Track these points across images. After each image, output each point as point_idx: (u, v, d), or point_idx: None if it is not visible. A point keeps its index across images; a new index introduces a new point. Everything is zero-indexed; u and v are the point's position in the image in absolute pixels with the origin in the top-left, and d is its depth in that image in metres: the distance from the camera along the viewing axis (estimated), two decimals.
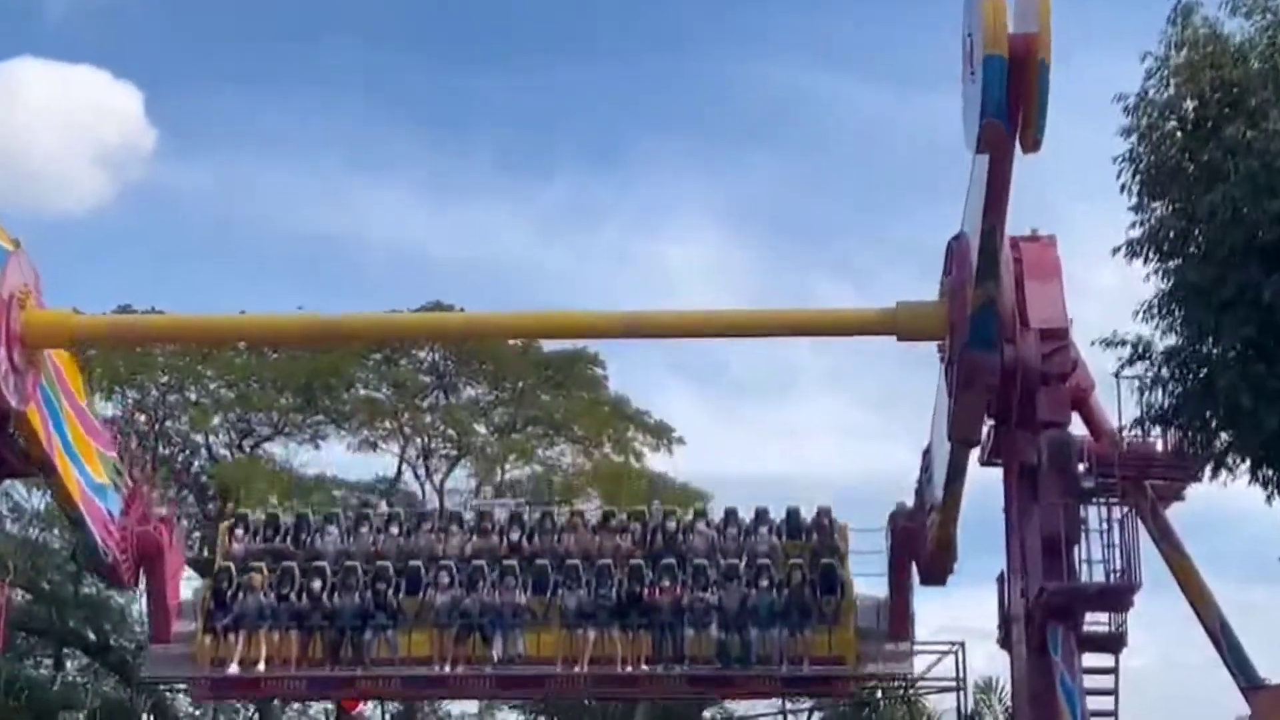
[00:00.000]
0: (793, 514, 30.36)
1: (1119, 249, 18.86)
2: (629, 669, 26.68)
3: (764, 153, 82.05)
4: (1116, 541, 20.48)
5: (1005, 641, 23.30)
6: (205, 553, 39.33)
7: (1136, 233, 18.79)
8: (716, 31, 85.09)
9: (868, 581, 29.37)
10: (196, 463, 39.76)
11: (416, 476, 40.79)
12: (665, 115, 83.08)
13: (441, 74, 79.48)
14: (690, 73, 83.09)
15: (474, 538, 29.06)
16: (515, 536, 28.98)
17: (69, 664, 44.90)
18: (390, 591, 26.83)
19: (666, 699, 34.11)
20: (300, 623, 26.35)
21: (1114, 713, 20.64)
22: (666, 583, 27.18)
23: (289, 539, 28.90)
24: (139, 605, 40.11)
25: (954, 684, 29.80)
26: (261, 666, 26.18)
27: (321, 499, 38.18)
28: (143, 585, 28.44)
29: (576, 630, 26.54)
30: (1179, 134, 18.39)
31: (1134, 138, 18.55)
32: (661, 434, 40.24)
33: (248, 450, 39.61)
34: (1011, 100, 17.31)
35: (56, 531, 40.10)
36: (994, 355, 21.09)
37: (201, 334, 30.07)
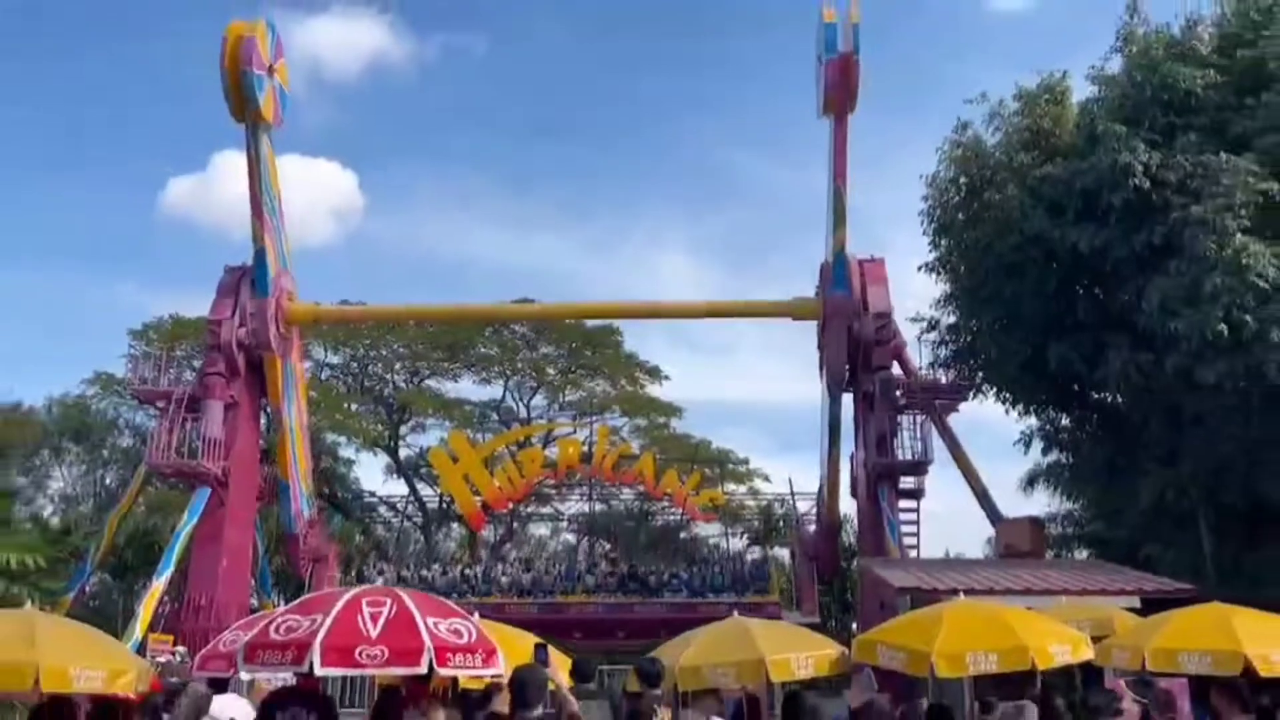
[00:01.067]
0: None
1: (922, 267, 21.16)
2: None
3: (716, 209, 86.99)
4: (918, 436, 22.90)
5: (854, 493, 25.31)
6: (392, 443, 42.26)
7: (931, 258, 21.09)
8: (688, 123, 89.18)
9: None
10: (386, 390, 41.73)
11: (514, 399, 43.48)
12: (661, 185, 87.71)
13: (519, 148, 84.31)
14: (675, 156, 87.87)
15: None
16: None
17: None
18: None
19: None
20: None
21: (916, 535, 22.60)
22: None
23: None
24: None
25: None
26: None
27: (458, 412, 41.97)
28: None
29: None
30: (956, 198, 20.48)
31: (930, 201, 20.80)
32: (654, 374, 42.40)
33: (416, 383, 42.09)
34: (839, 86, 21.17)
35: None
36: (848, 293, 23.43)
37: (389, 316, 34.23)
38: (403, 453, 43.01)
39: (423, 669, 8.36)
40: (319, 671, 8.18)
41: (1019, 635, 9.29)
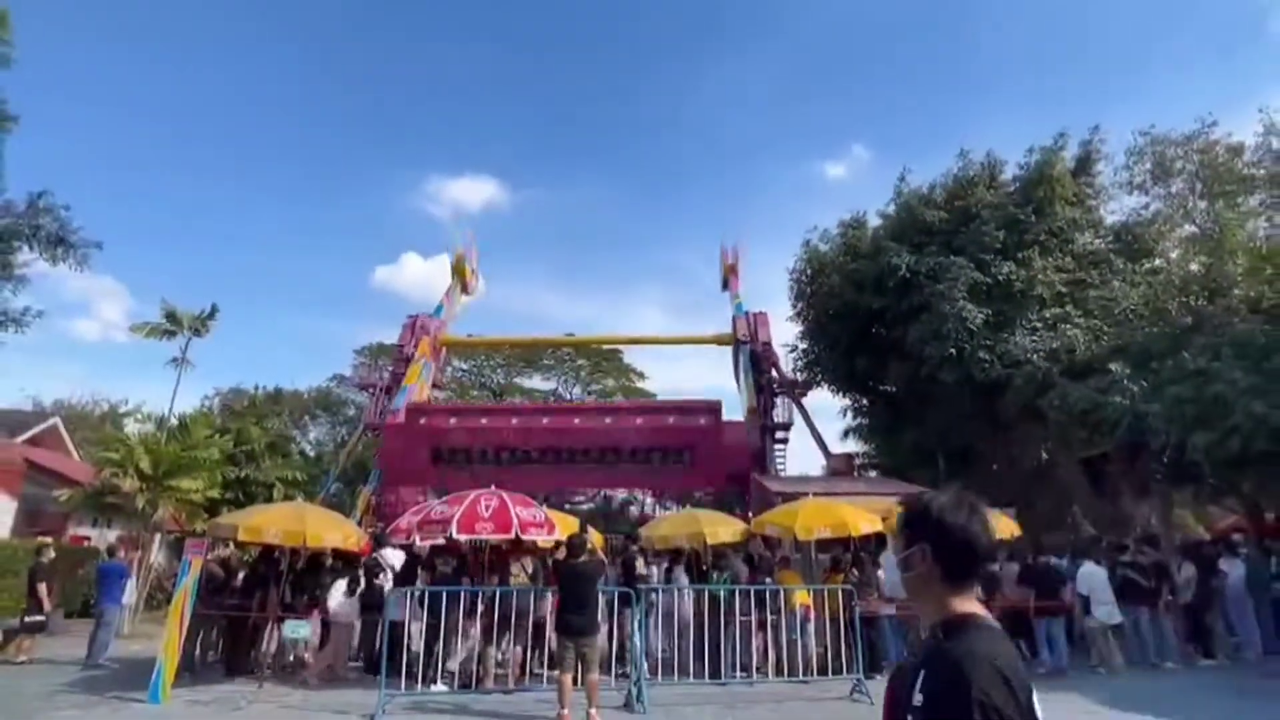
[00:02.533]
0: None
1: (791, 317, 20.93)
2: None
3: (679, 284, 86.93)
4: (788, 409, 22.06)
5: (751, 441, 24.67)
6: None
7: (793, 312, 20.83)
8: (658, 243, 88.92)
9: None
10: (492, 383, 40.24)
11: (563, 389, 41.79)
12: (645, 271, 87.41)
13: (564, 256, 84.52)
14: (652, 260, 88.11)
15: None
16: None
17: None
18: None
19: None
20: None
21: (784, 463, 21.69)
22: None
23: None
24: None
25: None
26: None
27: (531, 396, 40.11)
28: None
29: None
30: (808, 280, 20.15)
31: (793, 281, 20.62)
32: (641, 375, 41.61)
33: (509, 379, 40.48)
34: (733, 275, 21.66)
35: None
36: (747, 326, 23.39)
37: (495, 343, 33.04)
38: None
39: (513, 536, 8.48)
40: (455, 537, 8.29)
41: (843, 517, 9.43)
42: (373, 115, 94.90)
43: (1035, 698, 1.32)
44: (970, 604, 1.49)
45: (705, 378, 78.14)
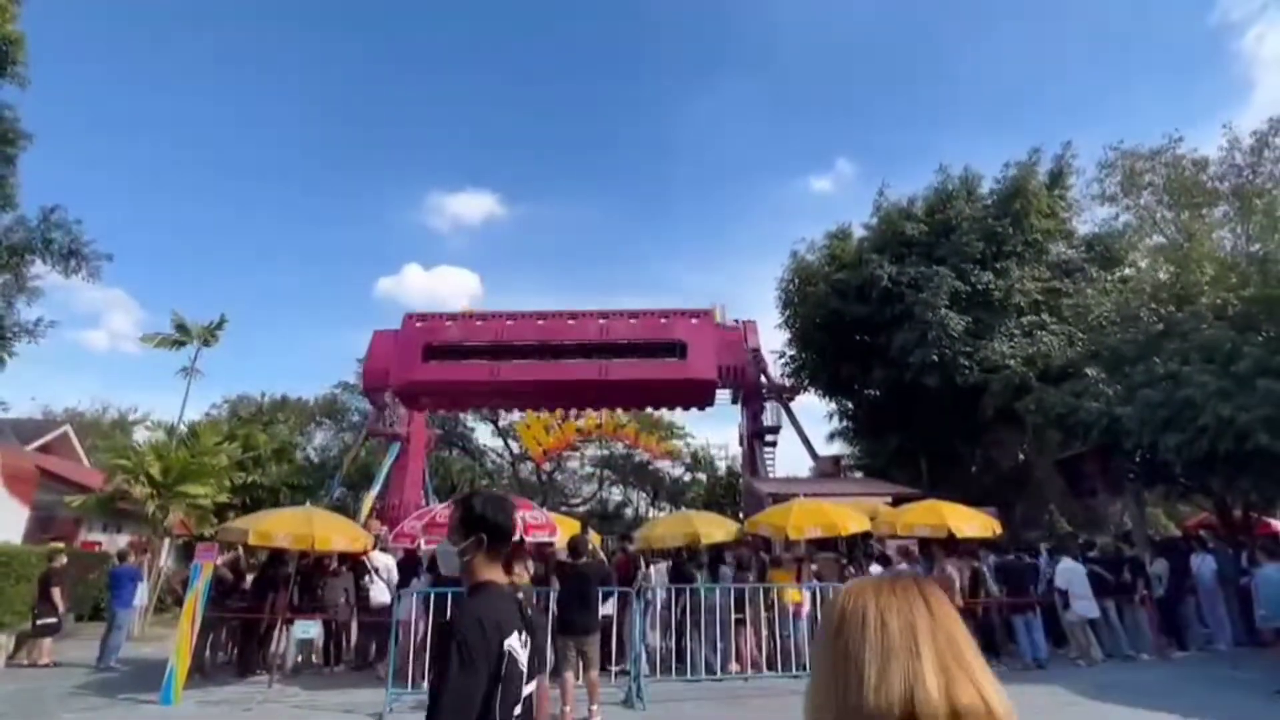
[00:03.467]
0: None
1: (779, 325, 20.95)
2: None
3: (660, 300, 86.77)
4: (776, 413, 21.83)
5: (741, 443, 24.09)
6: (495, 419, 38.66)
7: (780, 320, 20.87)
8: (652, 255, 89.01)
9: None
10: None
11: None
12: (633, 281, 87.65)
13: (560, 266, 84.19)
14: (641, 271, 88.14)
15: None
16: None
17: None
18: None
19: None
20: None
21: (773, 465, 21.63)
22: None
23: None
24: None
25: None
26: None
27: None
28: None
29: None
30: (794, 290, 20.18)
31: (781, 292, 20.61)
32: None
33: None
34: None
35: None
36: (737, 334, 22.25)
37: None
38: (500, 423, 42.26)
39: (517, 537, 8.49)
40: None
41: (832, 517, 9.45)
42: (374, 133, 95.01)
43: (517, 640, 1.73)
44: (494, 572, 1.93)
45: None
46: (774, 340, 41.56)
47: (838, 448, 23.05)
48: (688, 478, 37.76)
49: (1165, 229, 16.18)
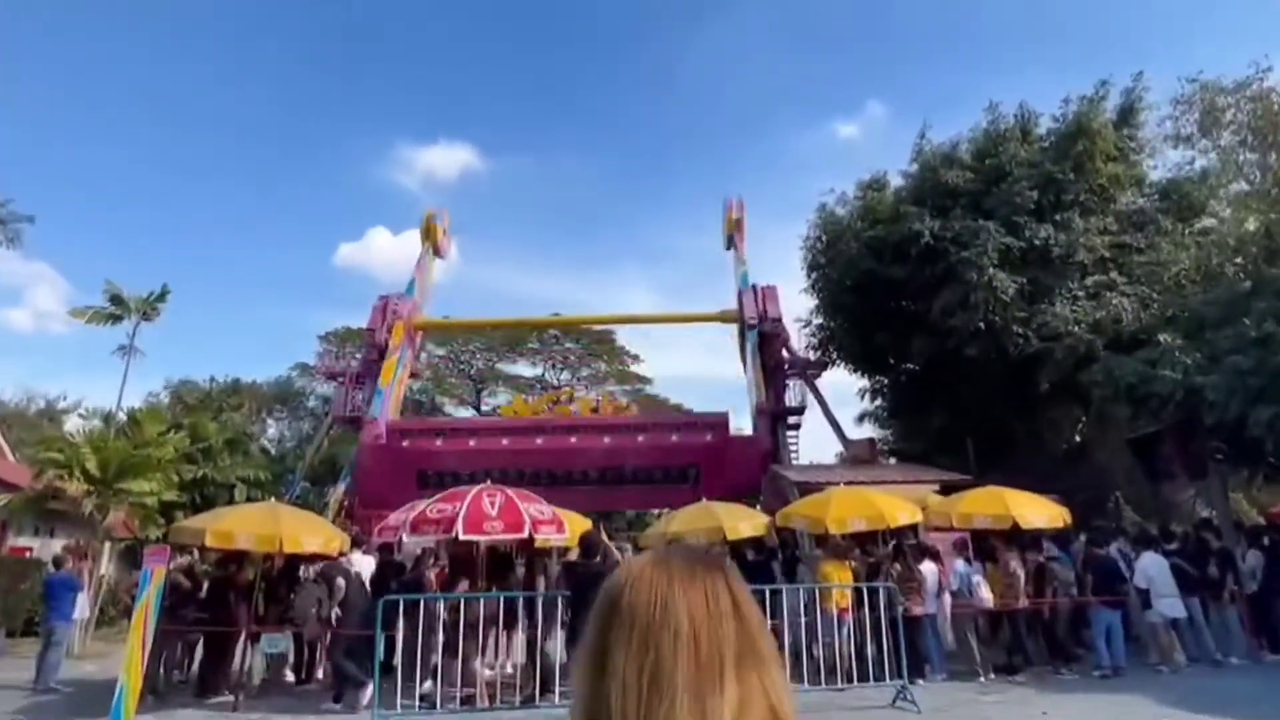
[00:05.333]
0: None
1: (804, 289, 20.85)
2: None
3: (669, 264, 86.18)
4: (800, 391, 22.20)
5: (757, 427, 24.08)
6: (477, 402, 40.45)
7: (806, 284, 20.71)
8: (647, 216, 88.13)
9: None
10: (472, 369, 40.22)
11: (550, 375, 41.91)
12: (631, 247, 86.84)
13: (546, 228, 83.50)
14: (637, 236, 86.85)
15: None
16: None
17: None
18: None
19: None
20: None
21: (797, 450, 21.71)
22: None
23: None
24: None
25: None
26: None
27: (516, 384, 40.30)
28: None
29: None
30: (821, 250, 20.10)
31: (806, 250, 20.55)
32: (635, 358, 41.34)
33: (490, 366, 40.45)
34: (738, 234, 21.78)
35: None
36: (749, 292, 23.58)
37: (474, 325, 33.24)
38: (483, 408, 42.31)
39: (525, 535, 8.27)
40: (462, 538, 8.07)
41: (879, 507, 9.29)
42: (332, 73, 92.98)
43: None
44: None
45: (705, 363, 77.84)
46: (797, 306, 41.39)
47: (869, 430, 23.04)
48: None
49: (1250, 174, 15.92)
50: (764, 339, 22.90)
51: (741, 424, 23.11)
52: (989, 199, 17.07)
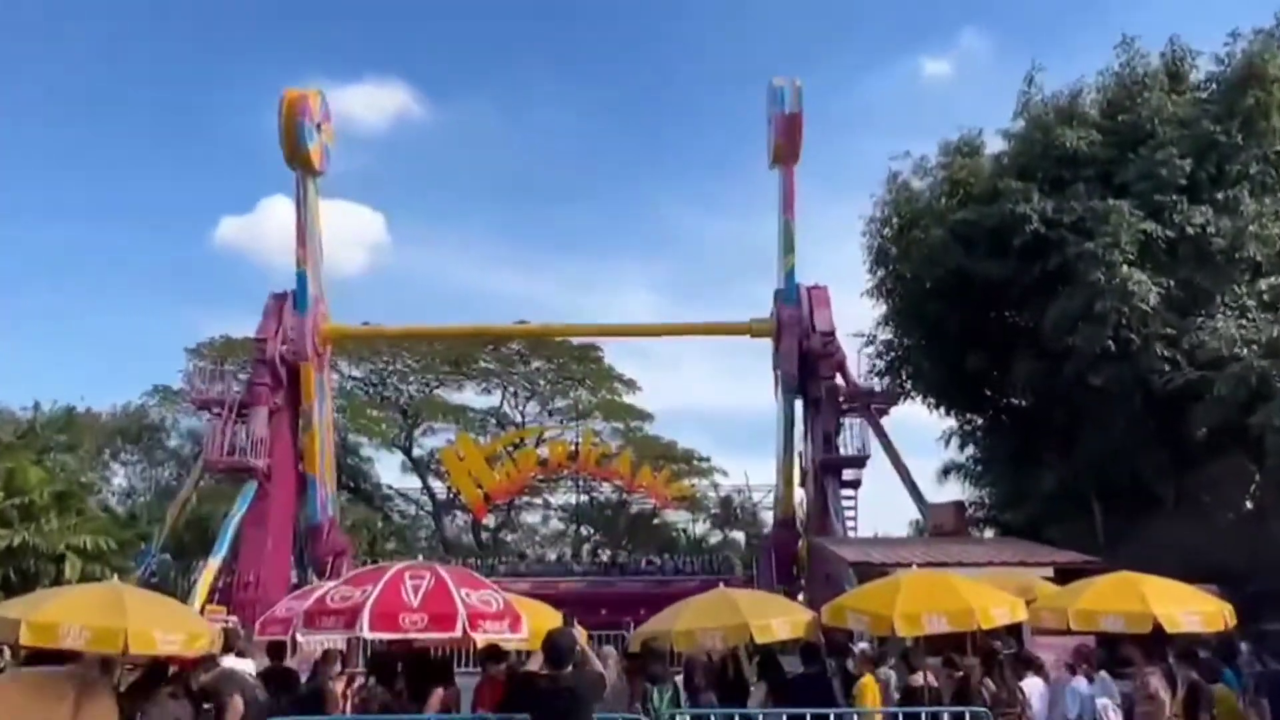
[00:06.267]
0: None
1: (867, 292, 20.96)
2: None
3: (672, 254, 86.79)
4: (856, 434, 22.75)
5: (803, 484, 24.99)
6: (407, 444, 41.61)
7: (870, 284, 20.93)
8: (645, 185, 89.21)
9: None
10: (401, 398, 40.86)
11: (510, 407, 42.86)
12: (622, 232, 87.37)
13: (514, 199, 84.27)
14: (634, 212, 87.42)
15: None
16: None
17: None
18: None
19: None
20: None
21: (855, 518, 22.20)
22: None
23: None
24: None
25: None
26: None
27: (463, 417, 41.06)
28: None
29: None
30: (891, 234, 20.45)
31: (869, 236, 20.83)
32: (630, 384, 41.85)
33: (427, 393, 41.15)
34: (787, 141, 21.74)
35: None
36: (795, 307, 23.40)
37: (406, 335, 33.51)
38: (415, 452, 42.65)
39: (458, 633, 8.16)
40: (367, 635, 7.98)
41: (966, 599, 9.20)
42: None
43: None
44: None
45: (725, 392, 77.75)
46: (857, 316, 41.22)
47: (955, 490, 23.11)
48: (716, 536, 37.96)
49: None
50: (810, 360, 23.11)
51: (765, 474, 23.20)
52: (1123, 170, 17.22)
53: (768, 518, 34.17)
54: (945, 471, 23.96)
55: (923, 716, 8.62)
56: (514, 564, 29.78)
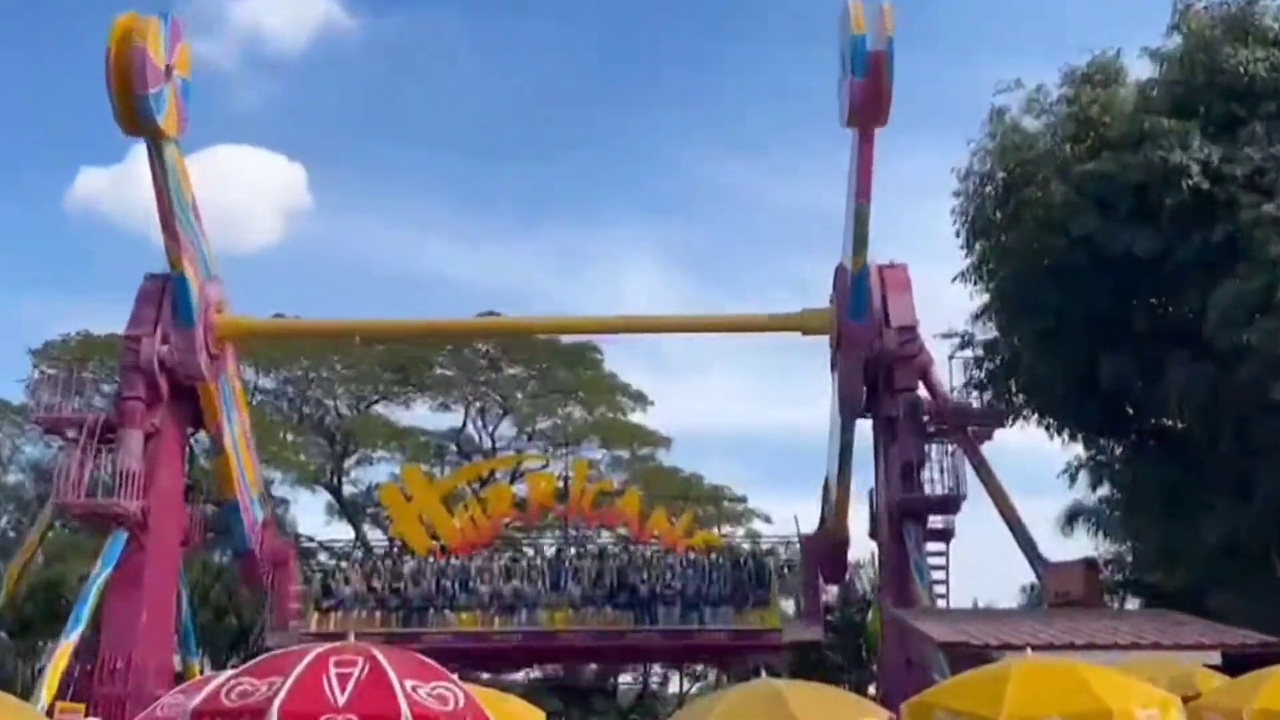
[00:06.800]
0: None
1: (955, 277, 20.97)
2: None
3: (687, 221, 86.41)
4: (948, 467, 22.57)
5: (874, 535, 24.94)
6: (335, 480, 42.02)
7: (965, 264, 20.85)
8: (654, 124, 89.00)
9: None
10: (327, 417, 41.18)
11: (476, 428, 43.13)
12: (623, 188, 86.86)
13: (474, 164, 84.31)
14: (639, 160, 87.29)
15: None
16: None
17: None
18: (447, 582, 28.23)
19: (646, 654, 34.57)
20: (383, 605, 27.78)
21: (946, 581, 22.21)
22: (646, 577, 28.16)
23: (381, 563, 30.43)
24: None
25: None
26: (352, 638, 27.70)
27: (411, 442, 41.33)
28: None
29: (581, 610, 27.92)
30: (993, 194, 20.35)
31: (963, 198, 20.68)
32: (639, 399, 41.90)
33: (363, 410, 41.50)
34: (868, 94, 20.11)
35: None
36: (867, 322, 23.11)
37: (336, 331, 33.25)
38: (347, 490, 42.84)
39: None
40: None
41: (1100, 696, 9.00)
42: None
43: None
44: None
45: (767, 406, 77.32)
46: (947, 306, 40.70)
47: (1085, 543, 23.45)
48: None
49: None
50: (883, 366, 23.07)
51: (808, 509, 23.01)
52: None
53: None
54: (1070, 518, 23.97)
55: None
56: (497, 587, 29.73)
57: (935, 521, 22.28)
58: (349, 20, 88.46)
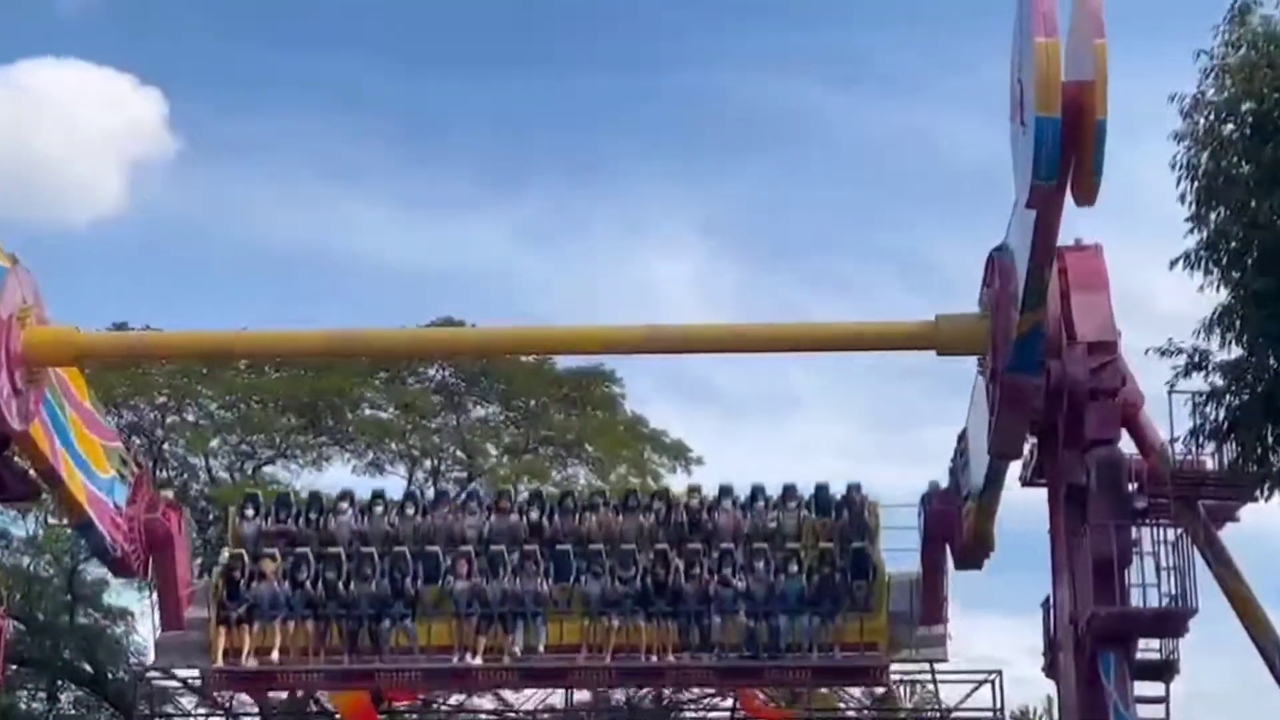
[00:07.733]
0: (821, 490, 32.92)
1: (1176, 261, 20.51)
2: (654, 659, 29.90)
3: (744, 166, 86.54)
4: (1170, 564, 22.19)
5: (1051, 670, 25.27)
6: (204, 577, 40.73)
7: (1191, 243, 20.50)
8: (690, 44, 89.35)
9: (897, 561, 32.52)
10: (194, 486, 41.76)
11: (420, 498, 42.31)
12: (642, 126, 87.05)
13: (417, 83, 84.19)
14: (668, 85, 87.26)
15: (492, 517, 31.70)
16: (535, 516, 31.90)
17: (63, 697, 50.14)
18: (408, 579, 29.49)
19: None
20: (315, 612, 29.30)
21: None
22: (695, 570, 29.62)
23: (301, 519, 31.89)
24: (138, 634, 44.69)
25: (991, 714, 32.00)
26: (275, 657, 28.91)
27: None
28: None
29: (600, 619, 29.55)
30: (1237, 137, 19.99)
31: (1189, 141, 20.23)
32: (679, 454, 42.82)
33: (249, 473, 42.02)
34: (1064, 157, 18.74)
35: (48, 559, 44.82)
36: (1037, 378, 22.68)
37: (209, 350, 33.68)
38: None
39: None
40: None
41: None
42: None
43: None
44: None
45: (883, 461, 77.21)
46: (1156, 307, 40.07)
47: None
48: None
49: None
50: (1064, 403, 22.83)
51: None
52: None
53: None
54: None
55: None
56: (479, 587, 29.95)
57: (1149, 649, 22.01)
58: None
